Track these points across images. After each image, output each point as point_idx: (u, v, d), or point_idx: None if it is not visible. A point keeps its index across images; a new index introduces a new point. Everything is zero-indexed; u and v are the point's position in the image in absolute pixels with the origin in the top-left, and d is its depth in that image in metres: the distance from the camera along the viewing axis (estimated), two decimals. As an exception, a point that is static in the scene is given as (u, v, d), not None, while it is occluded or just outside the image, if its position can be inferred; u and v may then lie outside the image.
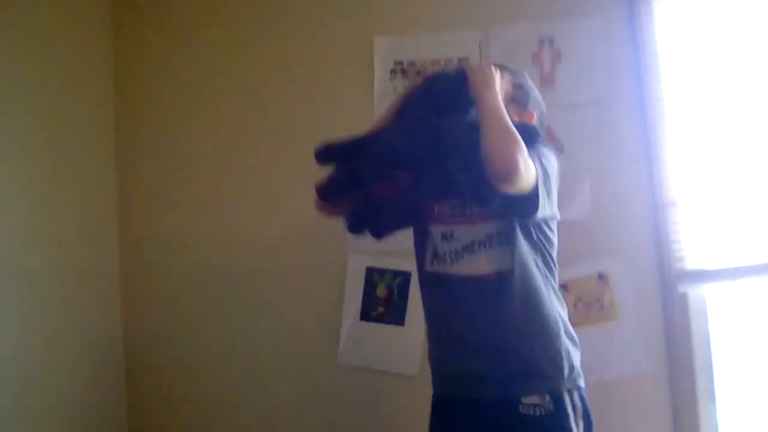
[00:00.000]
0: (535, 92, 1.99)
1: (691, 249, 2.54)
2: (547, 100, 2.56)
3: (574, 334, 1.89)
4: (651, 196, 2.58)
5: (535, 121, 1.94)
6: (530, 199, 1.71)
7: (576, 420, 1.79)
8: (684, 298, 2.51)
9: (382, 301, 2.68)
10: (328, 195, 1.86)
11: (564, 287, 2.49)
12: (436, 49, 2.71)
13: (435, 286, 1.94)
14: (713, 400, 2.49)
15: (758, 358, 2.52)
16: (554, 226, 1.91)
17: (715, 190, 2.55)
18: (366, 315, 2.69)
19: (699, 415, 2.47)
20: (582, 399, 1.83)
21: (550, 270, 1.89)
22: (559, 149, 2.58)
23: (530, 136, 1.78)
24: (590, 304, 2.55)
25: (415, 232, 2.00)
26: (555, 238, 1.92)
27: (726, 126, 2.57)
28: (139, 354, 2.88)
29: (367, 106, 2.68)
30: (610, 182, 2.60)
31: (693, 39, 2.62)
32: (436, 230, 1.91)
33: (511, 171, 1.62)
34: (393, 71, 2.72)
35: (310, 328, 2.74)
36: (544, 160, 1.78)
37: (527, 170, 1.65)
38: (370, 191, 1.77)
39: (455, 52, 2.69)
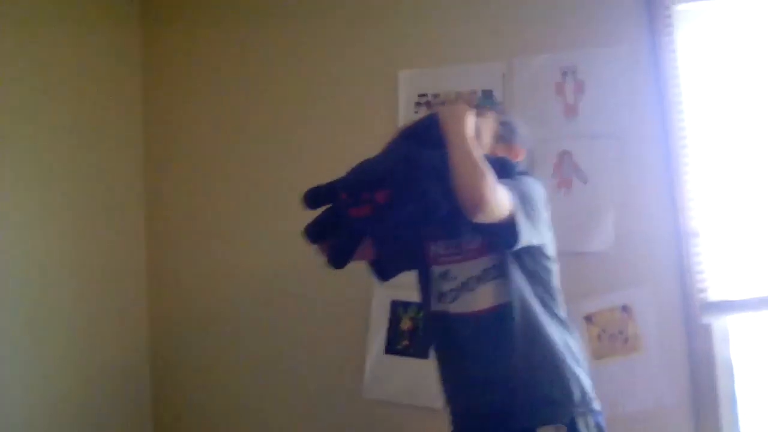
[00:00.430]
0: (522, 129, 2.04)
1: (715, 279, 2.54)
2: (570, 131, 2.62)
3: (582, 359, 1.90)
4: (674, 226, 2.57)
5: (523, 157, 1.99)
6: (510, 228, 1.73)
7: (594, 448, 1.81)
8: (708, 328, 2.51)
9: (407, 334, 2.69)
10: (315, 236, 1.87)
11: (588, 319, 2.52)
12: (460, 81, 2.73)
13: (441, 324, 1.95)
14: (738, 432, 2.49)
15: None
16: (552, 254, 1.92)
17: (738, 220, 2.56)
18: (391, 348, 2.70)
19: (723, 447, 2.47)
20: (598, 425, 1.84)
21: (553, 298, 1.90)
22: (583, 180, 2.61)
23: (507, 169, 1.82)
24: (614, 336, 2.55)
25: (419, 274, 2.04)
26: (554, 266, 1.93)
27: (749, 155, 2.58)
28: (166, 381, 2.93)
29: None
30: (633, 213, 2.59)
31: (715, 69, 2.63)
32: (435, 270, 1.94)
33: (478, 200, 1.64)
34: (417, 103, 2.74)
35: (335, 361, 2.76)
36: (522, 187, 1.80)
37: (496, 198, 1.67)
38: (346, 216, 1.78)
39: (479, 84, 2.70)
